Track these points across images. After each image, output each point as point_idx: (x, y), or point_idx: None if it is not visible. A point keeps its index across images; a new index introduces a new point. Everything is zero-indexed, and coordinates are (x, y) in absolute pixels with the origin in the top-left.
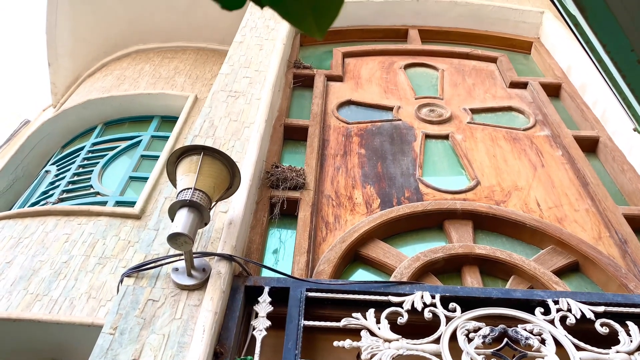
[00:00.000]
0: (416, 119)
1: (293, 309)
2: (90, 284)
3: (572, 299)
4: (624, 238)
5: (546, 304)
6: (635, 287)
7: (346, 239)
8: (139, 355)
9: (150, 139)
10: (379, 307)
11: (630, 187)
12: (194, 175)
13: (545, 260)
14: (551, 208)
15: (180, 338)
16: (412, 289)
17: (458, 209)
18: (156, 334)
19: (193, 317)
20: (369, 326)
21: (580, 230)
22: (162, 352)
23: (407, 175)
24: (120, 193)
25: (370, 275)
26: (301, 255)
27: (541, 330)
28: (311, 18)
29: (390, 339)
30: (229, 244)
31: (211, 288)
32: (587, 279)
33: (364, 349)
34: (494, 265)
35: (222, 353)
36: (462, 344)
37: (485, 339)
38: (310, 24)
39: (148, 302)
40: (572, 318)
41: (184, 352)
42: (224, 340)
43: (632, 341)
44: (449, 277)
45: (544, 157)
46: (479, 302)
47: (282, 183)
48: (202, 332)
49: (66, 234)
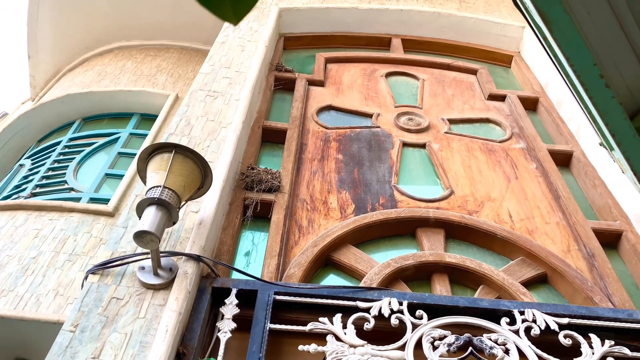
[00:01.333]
0: (395, 127)
1: (260, 311)
2: (58, 280)
3: (538, 310)
4: (592, 252)
5: (512, 314)
6: (600, 300)
7: (318, 243)
8: (99, 354)
9: (128, 136)
10: (346, 312)
11: (600, 202)
12: (164, 173)
13: (515, 271)
14: (523, 220)
15: (143, 337)
16: (380, 295)
17: (431, 218)
18: (118, 333)
19: (157, 316)
20: (335, 331)
21: (550, 242)
22: (123, 351)
23: (382, 182)
24: (95, 190)
25: (341, 280)
26: (272, 258)
27: (506, 340)
28: (229, 4)
29: (355, 345)
30: (198, 244)
31: (177, 288)
32: (554, 290)
33: (328, 354)
34: (463, 274)
35: (184, 354)
36: (427, 351)
37: (450, 347)
38: (228, 10)
39: (112, 300)
40: (537, 329)
41: (146, 352)
42: (187, 341)
43: (594, 353)
44: (418, 284)
45: (518, 170)
46: (446, 310)
47: (257, 185)
48: (165, 332)
49: (36, 229)
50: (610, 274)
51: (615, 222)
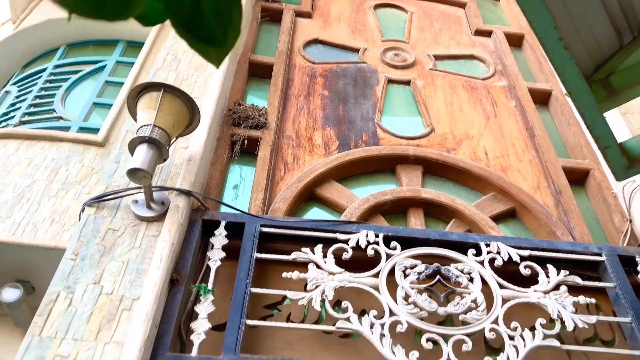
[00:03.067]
0: (381, 63)
1: (247, 242)
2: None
3: (503, 242)
4: (560, 189)
5: (479, 247)
6: (562, 234)
7: (303, 179)
8: (99, 280)
9: (115, 64)
10: (326, 243)
11: (573, 141)
12: (154, 111)
13: (485, 206)
14: (498, 157)
15: (139, 265)
16: (358, 227)
17: (410, 155)
18: (116, 261)
19: (151, 246)
20: (316, 260)
21: (521, 179)
22: (121, 277)
23: (366, 119)
24: (84, 119)
25: (324, 213)
26: (259, 192)
27: (471, 270)
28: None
29: (334, 272)
30: (188, 180)
31: (169, 220)
32: (522, 225)
33: (310, 280)
34: (437, 208)
35: (178, 280)
36: (399, 279)
37: (419, 276)
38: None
39: (108, 231)
40: (500, 260)
41: (142, 278)
42: (180, 269)
43: (550, 282)
44: (395, 218)
45: (497, 108)
46: (419, 242)
47: (244, 121)
48: (160, 260)
49: (28, 158)
50: (574, 210)
51: (585, 160)
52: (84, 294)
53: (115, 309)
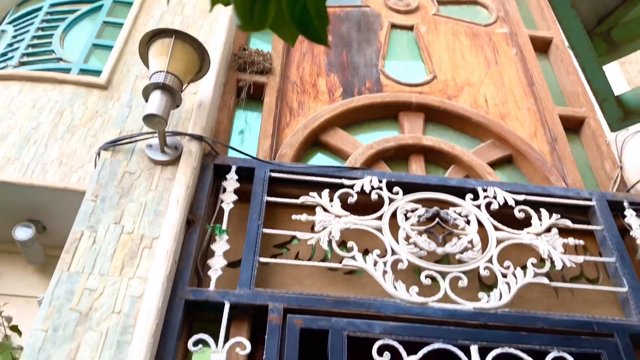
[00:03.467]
0: (384, 7)
1: (257, 186)
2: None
3: (499, 188)
4: (555, 136)
5: (476, 191)
6: (555, 180)
7: (308, 125)
8: (120, 220)
9: (112, 4)
10: (333, 188)
11: (570, 89)
12: (166, 58)
13: (484, 153)
14: (497, 105)
15: (156, 207)
16: (362, 173)
17: (413, 102)
18: (134, 203)
19: (167, 189)
20: (323, 204)
21: (519, 126)
22: (140, 218)
23: (370, 66)
24: (84, 61)
25: (328, 159)
26: (266, 138)
27: (468, 213)
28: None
29: (340, 215)
30: (199, 125)
31: (183, 164)
32: (518, 171)
33: (317, 222)
34: (438, 155)
35: (194, 221)
36: (401, 221)
37: (420, 218)
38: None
39: (125, 174)
40: (496, 204)
41: (160, 219)
42: (195, 211)
43: (542, 225)
44: (397, 164)
45: (499, 55)
46: (420, 187)
47: (249, 67)
48: (176, 202)
49: (32, 100)
50: (568, 157)
51: (581, 109)
52: (106, 233)
53: (137, 247)
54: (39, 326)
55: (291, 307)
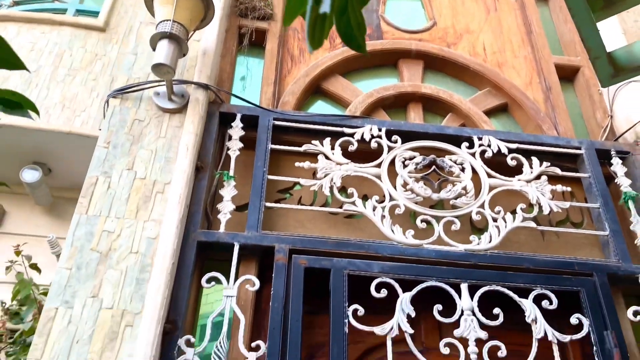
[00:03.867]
0: None
1: (262, 134)
2: (62, 94)
3: (494, 136)
4: (550, 85)
5: (472, 140)
6: (548, 128)
7: (309, 73)
8: (132, 166)
9: None
10: (334, 136)
11: (568, 38)
12: (172, 7)
13: (480, 101)
14: (495, 53)
15: (166, 154)
16: (363, 122)
17: (412, 50)
18: (145, 149)
19: (176, 136)
20: (324, 151)
21: (515, 75)
22: (151, 164)
23: (370, 11)
24: (80, 1)
25: (329, 106)
26: (268, 86)
27: (463, 161)
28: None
29: (341, 163)
30: (205, 74)
31: (191, 112)
32: (512, 119)
33: (319, 169)
34: (436, 103)
35: (202, 167)
36: (399, 169)
37: (417, 166)
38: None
39: (135, 121)
40: (490, 152)
41: (170, 166)
42: (203, 157)
43: (532, 172)
44: (396, 111)
45: (498, 1)
46: (418, 135)
47: (251, 12)
48: (186, 150)
49: (31, 43)
50: (561, 106)
51: (577, 57)
52: (120, 179)
53: (150, 192)
54: (63, 265)
55: (296, 248)
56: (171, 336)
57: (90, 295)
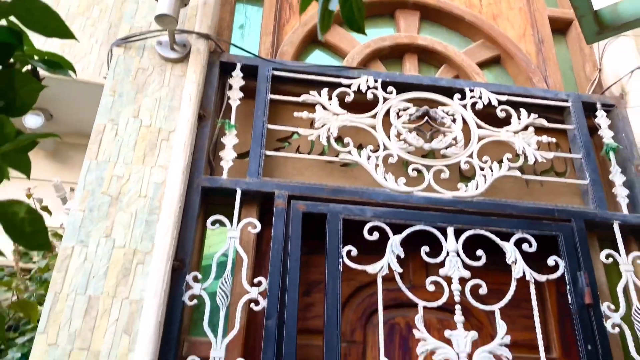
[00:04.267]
0: None
1: (261, 84)
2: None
3: (485, 88)
4: (542, 38)
5: (464, 92)
6: (538, 81)
7: (308, 22)
8: (138, 114)
9: None
10: (331, 87)
11: None
12: None
13: (474, 53)
14: (490, 4)
15: (170, 102)
16: (359, 73)
17: (409, 0)
18: (149, 98)
19: (179, 85)
20: (322, 102)
21: (509, 27)
22: (156, 112)
23: None
24: None
25: (326, 56)
26: (267, 35)
27: (455, 112)
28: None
29: (338, 113)
30: (205, 23)
31: (193, 62)
32: (504, 70)
33: (317, 119)
34: (431, 54)
35: (204, 116)
36: (393, 119)
37: (410, 117)
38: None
39: (139, 70)
40: (481, 104)
41: (174, 114)
42: (205, 106)
43: (520, 123)
44: (392, 62)
45: None
46: (412, 87)
47: None
48: (189, 99)
49: None
50: (552, 59)
51: (570, 10)
52: (126, 126)
53: (155, 139)
54: (76, 207)
55: (294, 194)
56: (179, 273)
57: (103, 235)
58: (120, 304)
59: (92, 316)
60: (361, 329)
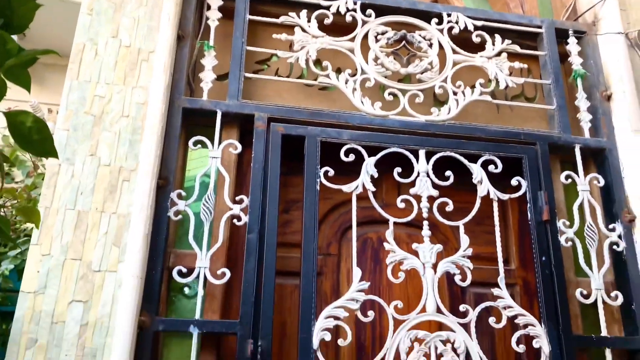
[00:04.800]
0: None
1: (240, 4)
2: None
3: (462, 13)
4: None
5: (441, 16)
6: (514, 7)
7: None
8: (117, 34)
9: None
10: (310, 8)
11: None
12: None
13: None
14: None
15: (149, 22)
16: None
17: None
18: (127, 17)
19: (157, 5)
20: (301, 24)
21: None
22: (135, 32)
23: None
24: None
25: None
26: None
27: (431, 37)
28: None
29: (317, 35)
30: None
31: None
32: None
33: (296, 42)
34: None
35: (183, 37)
36: (371, 43)
37: (388, 40)
38: None
39: None
40: (457, 29)
41: (154, 34)
42: (184, 27)
43: (494, 49)
44: None
45: None
46: (391, 10)
47: None
48: (168, 19)
49: None
50: None
51: None
52: (106, 46)
53: (135, 60)
54: (60, 126)
55: (274, 116)
56: (164, 190)
57: (88, 153)
58: (108, 218)
59: (82, 230)
60: (336, 243)
